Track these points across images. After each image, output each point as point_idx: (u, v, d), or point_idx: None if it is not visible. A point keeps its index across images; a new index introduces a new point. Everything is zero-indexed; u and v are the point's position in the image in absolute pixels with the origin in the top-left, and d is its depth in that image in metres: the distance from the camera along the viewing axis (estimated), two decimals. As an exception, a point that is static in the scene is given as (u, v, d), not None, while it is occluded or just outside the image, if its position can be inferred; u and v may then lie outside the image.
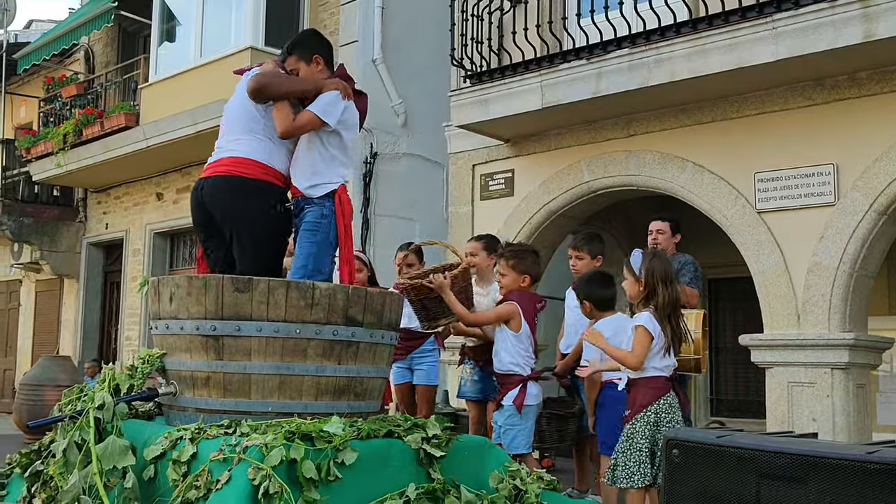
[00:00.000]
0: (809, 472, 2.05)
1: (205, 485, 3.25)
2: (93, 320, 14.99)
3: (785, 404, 6.54)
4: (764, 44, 6.28)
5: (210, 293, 3.73)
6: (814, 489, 2.02)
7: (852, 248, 6.38)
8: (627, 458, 4.13)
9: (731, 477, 2.19)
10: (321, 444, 3.31)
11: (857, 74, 6.42)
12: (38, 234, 14.81)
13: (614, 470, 4.17)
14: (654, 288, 4.26)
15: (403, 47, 10.57)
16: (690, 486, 2.27)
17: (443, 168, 10.22)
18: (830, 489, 2.01)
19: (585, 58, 7.27)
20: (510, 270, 5.10)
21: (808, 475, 2.04)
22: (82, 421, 3.58)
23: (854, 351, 6.37)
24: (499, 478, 3.75)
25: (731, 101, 7.08)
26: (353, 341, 3.86)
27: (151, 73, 12.33)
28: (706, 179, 7.20)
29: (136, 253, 13.88)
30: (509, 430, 4.96)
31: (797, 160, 6.70)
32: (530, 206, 8.39)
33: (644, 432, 4.14)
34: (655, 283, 4.26)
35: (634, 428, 4.15)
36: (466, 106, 8.16)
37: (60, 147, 13.34)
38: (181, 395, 3.84)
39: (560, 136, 8.22)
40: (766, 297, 6.78)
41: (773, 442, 2.23)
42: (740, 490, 2.15)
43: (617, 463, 4.17)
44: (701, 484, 2.25)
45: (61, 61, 15.41)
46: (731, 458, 2.20)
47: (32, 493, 3.78)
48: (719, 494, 2.20)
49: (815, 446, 2.20)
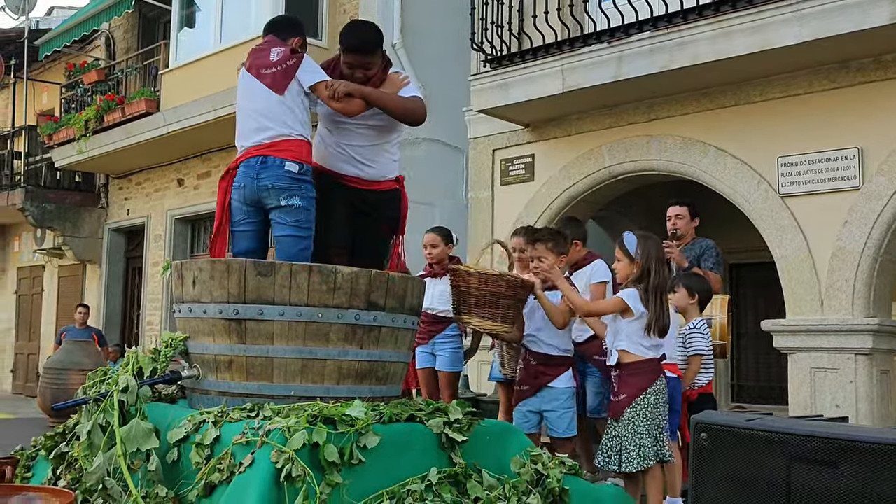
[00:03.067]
0: (841, 456, 2.02)
1: (228, 468, 3.27)
2: (115, 305, 15.10)
3: (807, 390, 6.50)
4: (788, 26, 6.21)
5: (233, 277, 3.74)
6: (845, 473, 1.99)
7: (877, 232, 6.31)
8: (630, 441, 4.17)
9: (761, 460, 2.16)
10: (343, 428, 3.32)
11: (884, 57, 6.34)
12: (61, 219, 14.91)
13: (620, 455, 4.20)
14: (647, 270, 4.28)
15: (423, 31, 10.52)
16: (719, 469, 2.25)
17: (463, 153, 10.19)
18: (862, 473, 1.98)
19: (607, 41, 7.21)
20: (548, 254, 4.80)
21: (840, 459, 2.01)
22: (106, 403, 3.61)
23: (878, 336, 6.31)
24: (520, 462, 3.75)
25: (754, 84, 7.01)
26: (375, 326, 3.86)
27: (172, 58, 12.35)
28: (728, 164, 7.14)
29: (158, 238, 13.96)
30: (566, 412, 4.88)
31: (821, 144, 6.63)
32: (551, 191, 8.36)
33: (645, 415, 4.21)
34: (650, 265, 4.28)
35: (636, 411, 4.21)
36: (487, 90, 8.12)
37: (82, 133, 13.40)
38: (204, 378, 3.87)
39: (581, 120, 8.17)
40: (788, 283, 6.73)
41: (803, 425, 2.20)
42: (770, 474, 2.12)
43: (623, 447, 4.19)
44: (729, 467, 2.23)
45: (82, 48, 15.46)
46: (761, 441, 2.17)
47: (58, 474, 3.82)
48: (748, 478, 2.17)
49: (848, 430, 2.18)
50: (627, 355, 4.28)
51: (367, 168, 4.42)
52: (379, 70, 4.40)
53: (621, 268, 4.43)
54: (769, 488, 2.11)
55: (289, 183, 4.10)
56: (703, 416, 2.37)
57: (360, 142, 4.42)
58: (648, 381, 4.23)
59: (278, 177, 4.08)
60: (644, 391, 4.21)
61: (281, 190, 4.09)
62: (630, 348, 4.28)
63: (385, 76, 4.43)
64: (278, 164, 4.08)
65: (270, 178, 4.09)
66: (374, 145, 4.44)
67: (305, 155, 4.21)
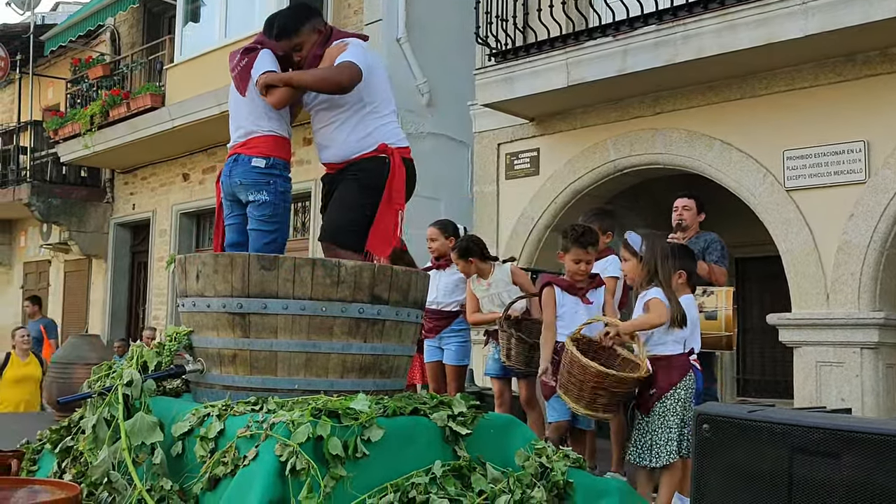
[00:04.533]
0: (844, 447, 2.01)
1: (232, 461, 3.27)
2: (121, 300, 15.14)
3: (813, 384, 6.49)
4: (794, 19, 6.18)
5: (236, 271, 3.74)
6: (848, 464, 1.99)
7: (883, 226, 6.29)
8: (659, 436, 4.18)
9: (763, 452, 2.16)
10: (347, 422, 3.31)
11: (890, 49, 6.31)
12: (67, 214, 14.95)
13: (651, 449, 4.20)
14: (655, 268, 4.28)
15: (428, 26, 10.51)
16: (721, 460, 2.25)
17: (468, 147, 10.18)
18: (865, 464, 1.97)
19: (612, 35, 7.20)
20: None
21: (843, 450, 2.01)
22: (111, 397, 3.61)
23: (884, 330, 6.30)
24: (525, 455, 3.74)
25: (759, 77, 6.99)
26: (379, 319, 3.85)
27: (177, 53, 12.36)
28: (734, 157, 7.12)
29: (163, 233, 13.98)
30: None
31: (827, 137, 6.61)
32: (556, 185, 8.35)
33: (675, 409, 4.23)
34: (657, 262, 4.29)
35: (665, 406, 4.23)
36: (491, 84, 8.11)
37: (87, 128, 13.42)
38: (208, 372, 3.86)
39: (586, 114, 8.16)
40: (794, 277, 6.71)
41: (806, 417, 2.20)
42: (772, 465, 2.12)
43: (653, 442, 4.20)
44: (732, 459, 2.23)
45: (87, 43, 15.48)
46: (763, 432, 2.17)
47: (63, 468, 3.82)
48: (750, 469, 2.17)
49: (850, 421, 2.17)
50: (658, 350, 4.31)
51: (330, 150, 4.36)
52: (314, 47, 4.31)
53: (630, 267, 4.44)
54: (771, 479, 2.11)
55: (255, 178, 4.25)
56: (706, 408, 2.36)
57: (319, 125, 4.38)
58: (678, 376, 4.26)
59: (246, 173, 4.25)
60: (674, 386, 4.24)
61: (248, 185, 4.26)
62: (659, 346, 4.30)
63: (324, 51, 4.31)
64: (246, 160, 4.26)
65: (239, 174, 4.27)
66: (330, 124, 4.32)
67: (274, 150, 4.28)
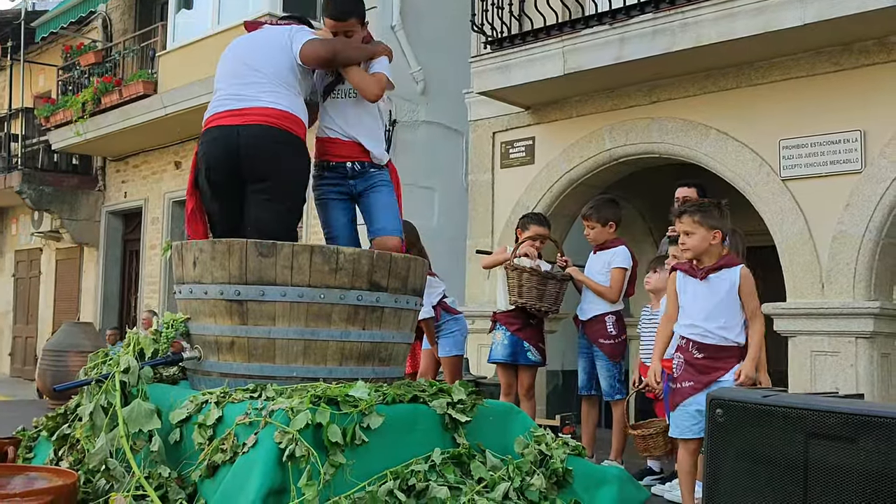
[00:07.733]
0: (860, 431, 2.01)
1: (231, 448, 3.26)
2: (113, 288, 15.09)
3: (808, 374, 6.50)
4: (791, 7, 6.17)
5: (234, 258, 3.72)
6: (864, 448, 1.98)
7: (879, 215, 6.30)
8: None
9: (778, 436, 2.15)
10: (347, 409, 3.30)
11: (888, 38, 6.30)
12: (58, 202, 14.87)
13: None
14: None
15: (423, 13, 10.46)
16: (734, 445, 2.24)
17: (463, 136, 10.15)
18: (882, 448, 1.97)
19: (608, 23, 7.16)
20: (697, 227, 4.45)
21: (859, 434, 2.01)
22: (108, 384, 3.59)
23: (879, 320, 6.30)
24: (524, 443, 3.75)
25: (756, 66, 6.97)
26: (378, 306, 3.84)
27: (169, 40, 12.28)
28: (730, 147, 7.11)
29: (155, 221, 13.92)
30: None
31: (823, 127, 6.60)
32: (551, 174, 8.33)
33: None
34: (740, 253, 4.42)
35: None
36: (487, 72, 8.07)
37: (79, 115, 13.34)
38: (206, 359, 3.85)
39: (582, 102, 8.13)
40: (789, 266, 6.71)
41: (821, 401, 2.19)
42: (787, 449, 2.11)
43: None
44: (745, 443, 2.23)
45: (79, 30, 15.38)
46: (778, 417, 2.16)
47: (59, 455, 3.80)
48: (764, 454, 2.16)
49: (866, 405, 2.16)
50: None
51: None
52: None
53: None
54: (786, 464, 2.11)
55: None
56: (719, 392, 2.35)
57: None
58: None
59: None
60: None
61: None
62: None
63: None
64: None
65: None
66: None
67: None
